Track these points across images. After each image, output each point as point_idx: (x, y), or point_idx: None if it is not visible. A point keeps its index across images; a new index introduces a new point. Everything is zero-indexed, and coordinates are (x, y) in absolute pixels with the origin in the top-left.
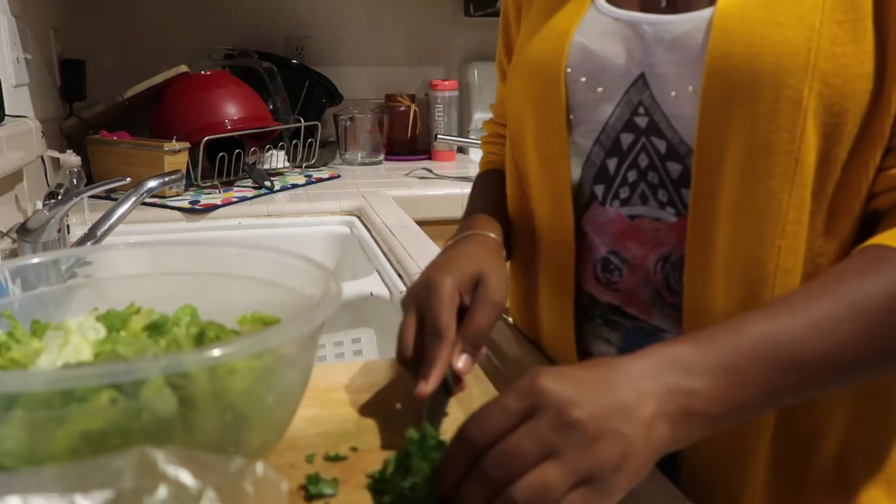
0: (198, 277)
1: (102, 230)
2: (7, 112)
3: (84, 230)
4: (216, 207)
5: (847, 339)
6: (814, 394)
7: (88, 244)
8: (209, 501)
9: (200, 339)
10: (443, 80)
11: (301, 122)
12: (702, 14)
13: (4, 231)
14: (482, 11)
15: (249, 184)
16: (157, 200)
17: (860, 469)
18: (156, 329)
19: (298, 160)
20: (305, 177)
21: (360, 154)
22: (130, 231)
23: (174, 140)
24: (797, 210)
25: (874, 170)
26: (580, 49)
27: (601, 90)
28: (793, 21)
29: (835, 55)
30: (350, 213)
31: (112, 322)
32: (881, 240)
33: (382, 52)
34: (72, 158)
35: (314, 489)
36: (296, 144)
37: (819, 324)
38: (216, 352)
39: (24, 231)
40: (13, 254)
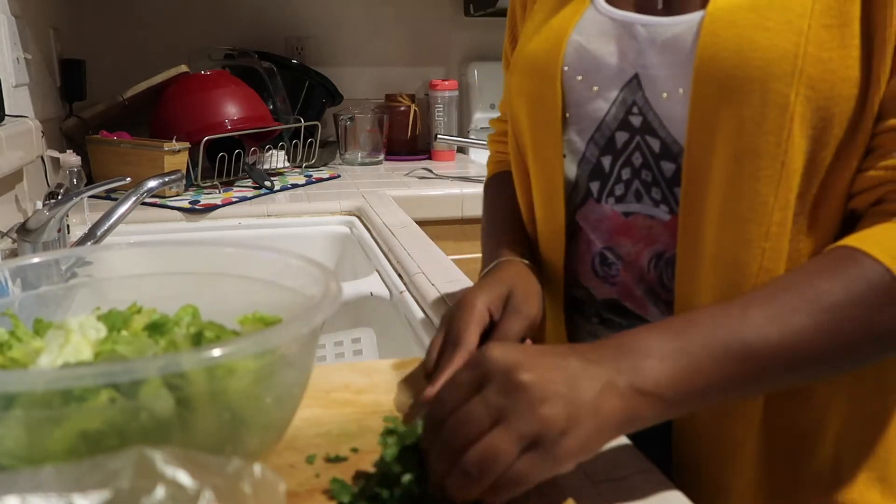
0: (198, 277)
1: (102, 230)
2: (7, 112)
3: (84, 230)
4: (216, 207)
5: (801, 333)
6: (773, 387)
7: (88, 244)
8: (207, 502)
9: (198, 340)
10: (443, 80)
11: (301, 122)
12: (693, 17)
13: (4, 231)
14: (482, 11)
15: (249, 184)
16: (157, 200)
17: (854, 467)
18: (156, 329)
19: (298, 160)
20: (305, 177)
21: (360, 154)
22: (130, 231)
23: (174, 140)
24: (782, 212)
25: (856, 170)
26: (577, 48)
27: (596, 89)
28: (782, 26)
29: (822, 60)
30: (350, 213)
31: (113, 322)
32: (850, 241)
33: (382, 52)
34: (72, 158)
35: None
36: (296, 144)
37: (775, 316)
38: (213, 352)
39: (24, 231)
40: (13, 254)
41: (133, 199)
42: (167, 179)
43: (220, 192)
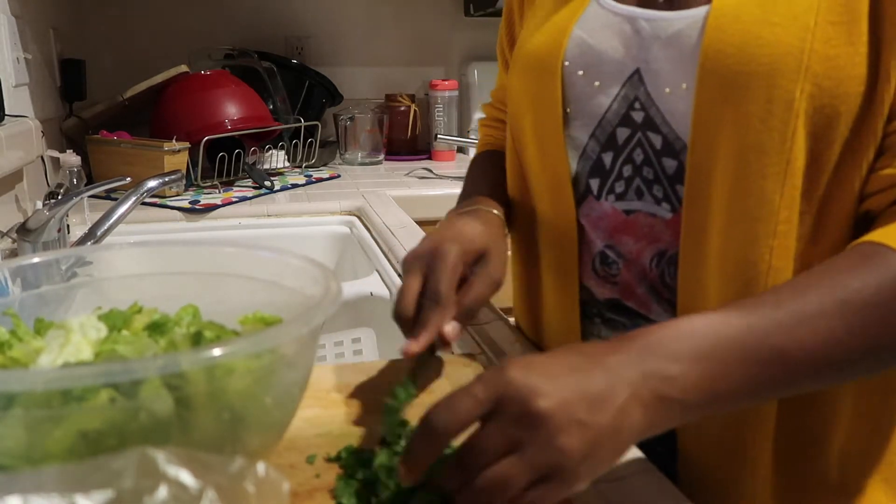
0: (198, 277)
1: (102, 230)
2: (7, 112)
3: (84, 230)
4: (216, 207)
5: (831, 334)
6: (796, 391)
7: (88, 244)
8: (210, 502)
9: (198, 339)
10: (443, 80)
11: (301, 122)
12: (698, 12)
13: (4, 231)
14: (482, 11)
15: (249, 184)
16: (157, 200)
17: (860, 469)
18: (157, 329)
19: (298, 160)
20: (305, 177)
21: (360, 154)
22: (130, 231)
23: (174, 140)
24: (788, 210)
25: (867, 170)
26: (579, 43)
27: (598, 84)
28: (787, 21)
29: (828, 57)
30: (350, 213)
31: (114, 321)
32: (874, 237)
33: (382, 52)
34: (72, 158)
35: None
36: (296, 144)
37: (803, 317)
38: (213, 352)
39: (24, 231)
40: (13, 254)
41: (133, 199)
42: (167, 179)
43: (220, 192)
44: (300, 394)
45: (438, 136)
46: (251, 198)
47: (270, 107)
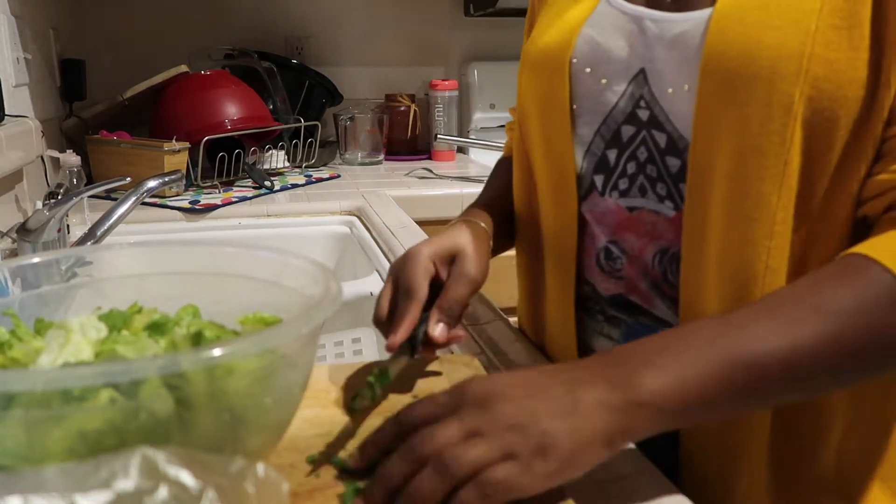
0: (198, 277)
1: (102, 230)
2: (7, 112)
3: (84, 230)
4: (216, 207)
5: (807, 343)
6: (778, 400)
7: (88, 244)
8: (210, 502)
9: (198, 340)
10: (443, 80)
11: (301, 122)
12: (701, 14)
13: (4, 231)
14: (482, 11)
15: (249, 184)
16: (157, 200)
17: (858, 470)
18: (157, 329)
19: (298, 160)
20: (305, 177)
21: (360, 154)
22: (130, 231)
23: (174, 140)
24: (786, 212)
25: (865, 175)
26: (588, 40)
27: (605, 81)
28: (789, 25)
29: (829, 60)
30: (350, 213)
31: (114, 321)
32: (861, 249)
33: (382, 52)
34: (72, 158)
35: None
36: (296, 144)
37: (779, 326)
38: (213, 352)
39: (24, 231)
40: (13, 254)
41: (133, 199)
42: (167, 179)
43: (220, 192)
44: (300, 394)
45: (438, 137)
46: (251, 198)
47: (270, 107)
